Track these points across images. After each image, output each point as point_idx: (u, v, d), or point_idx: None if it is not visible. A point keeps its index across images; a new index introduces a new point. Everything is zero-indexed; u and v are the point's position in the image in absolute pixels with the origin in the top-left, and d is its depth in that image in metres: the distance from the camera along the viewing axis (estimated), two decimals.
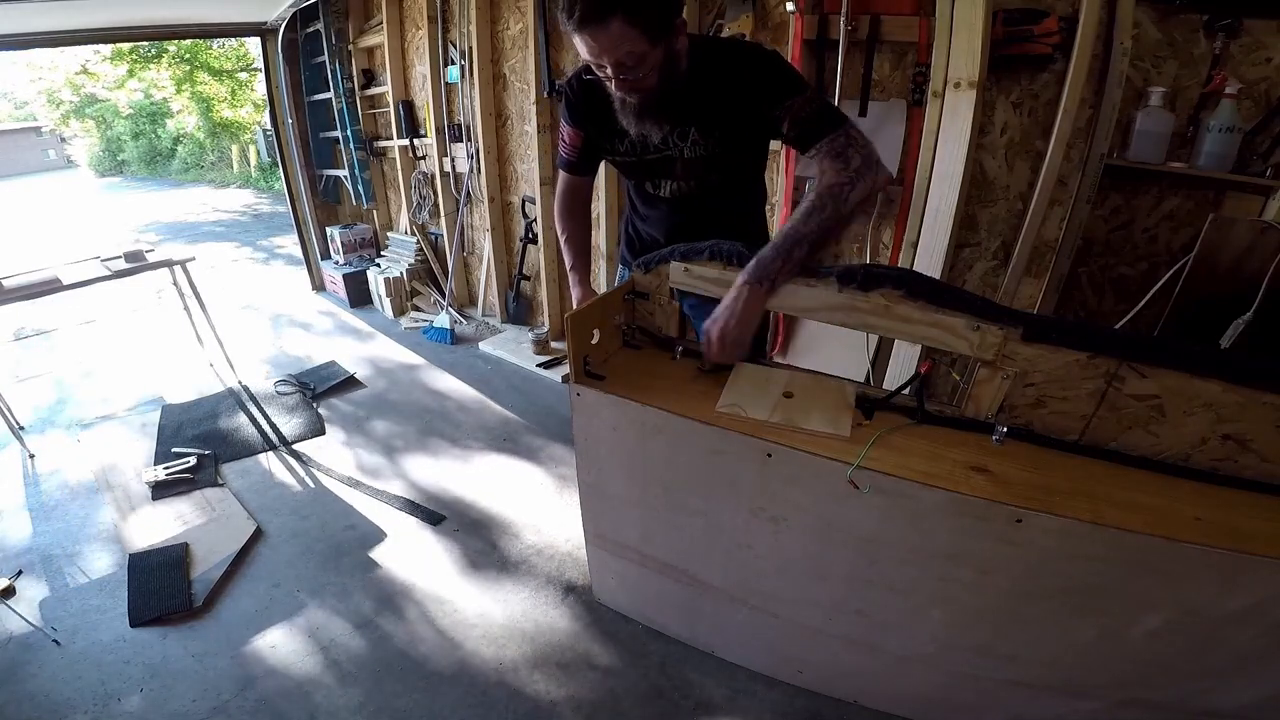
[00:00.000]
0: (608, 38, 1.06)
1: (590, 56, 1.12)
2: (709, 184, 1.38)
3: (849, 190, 1.14)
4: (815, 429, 1.13)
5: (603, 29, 1.05)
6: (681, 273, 1.34)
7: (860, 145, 1.16)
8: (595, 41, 1.07)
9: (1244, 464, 1.01)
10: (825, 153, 1.17)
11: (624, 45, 1.07)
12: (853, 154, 1.15)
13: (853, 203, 1.15)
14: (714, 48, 1.25)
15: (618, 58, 1.09)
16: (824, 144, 1.18)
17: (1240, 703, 1.05)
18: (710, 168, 1.34)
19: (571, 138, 1.43)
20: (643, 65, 1.12)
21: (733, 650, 1.57)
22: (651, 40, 1.09)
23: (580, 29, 1.06)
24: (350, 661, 1.62)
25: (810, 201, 1.16)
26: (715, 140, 1.29)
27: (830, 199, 1.14)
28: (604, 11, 1.03)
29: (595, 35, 1.06)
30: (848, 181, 1.14)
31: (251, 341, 3.84)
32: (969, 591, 1.12)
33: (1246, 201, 1.66)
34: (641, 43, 1.08)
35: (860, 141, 1.16)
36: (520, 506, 2.21)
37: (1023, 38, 1.73)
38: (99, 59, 11.36)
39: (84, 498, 2.32)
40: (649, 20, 1.07)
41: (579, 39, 1.09)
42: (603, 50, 1.09)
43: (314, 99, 4.22)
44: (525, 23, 2.88)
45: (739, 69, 1.21)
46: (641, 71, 1.12)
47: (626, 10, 1.04)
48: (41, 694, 1.55)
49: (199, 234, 7.87)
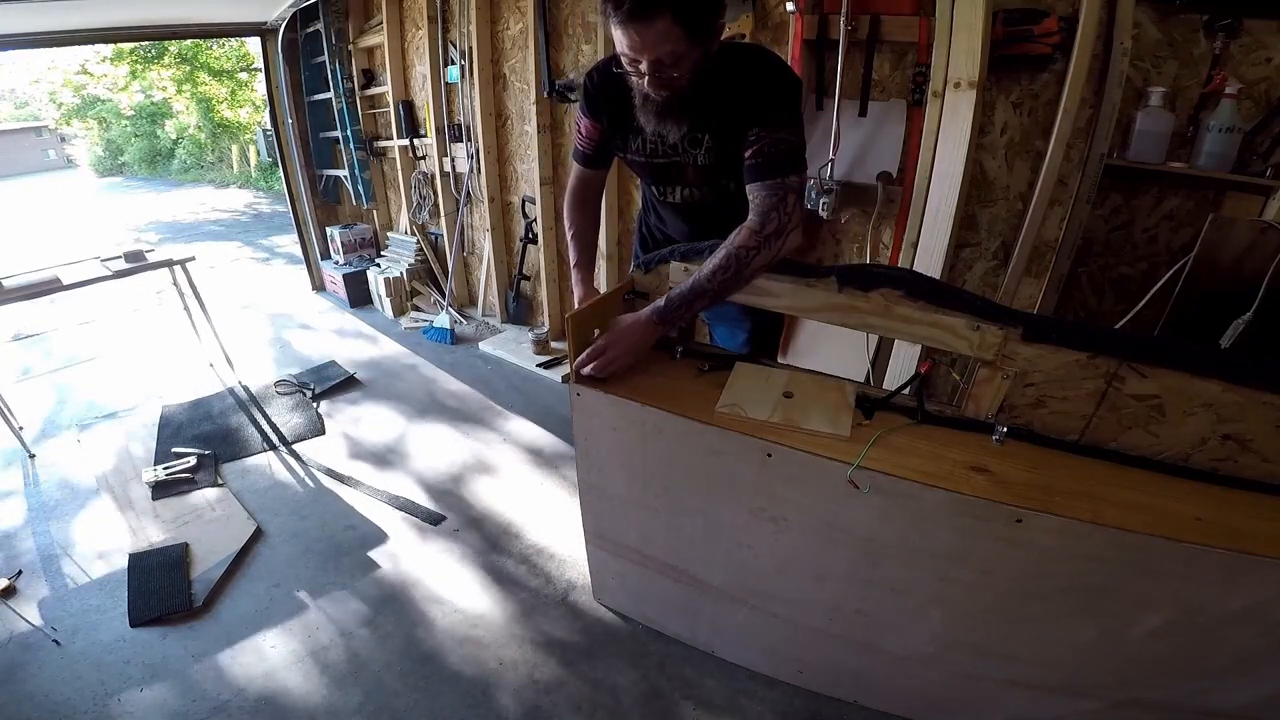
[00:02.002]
0: (653, 35, 1.05)
1: (630, 51, 1.10)
2: (721, 190, 1.37)
3: (754, 255, 1.20)
4: (815, 429, 1.13)
5: (649, 26, 1.04)
6: (681, 273, 1.34)
7: (785, 210, 1.19)
8: (640, 37, 1.06)
9: (1244, 464, 1.02)
10: (756, 202, 1.21)
11: (667, 44, 1.06)
12: (773, 217, 1.19)
13: (754, 268, 1.21)
14: (734, 55, 1.23)
15: (658, 55, 1.08)
16: (757, 188, 1.21)
17: (1240, 703, 1.05)
18: (723, 174, 1.33)
19: (588, 130, 1.42)
20: (679, 65, 1.11)
21: (733, 650, 1.57)
22: (693, 41, 1.08)
23: (627, 22, 1.05)
24: (350, 661, 1.62)
25: (719, 259, 1.21)
26: (729, 147, 1.28)
27: (735, 261, 1.20)
28: (654, 7, 1.02)
29: (641, 31, 1.05)
30: (755, 246, 1.19)
31: (251, 341, 3.84)
32: (969, 592, 1.12)
33: (1246, 201, 1.66)
34: (684, 43, 1.07)
35: (787, 206, 1.19)
36: (520, 506, 2.21)
37: (1023, 38, 1.73)
38: (99, 59, 11.36)
39: (84, 498, 2.32)
40: (695, 22, 1.06)
41: (621, 32, 1.08)
42: (645, 46, 1.07)
43: (314, 99, 4.22)
44: (525, 23, 2.88)
45: (745, 81, 1.20)
46: (677, 71, 1.12)
47: (676, 9, 1.03)
48: (41, 694, 1.55)
49: (199, 234, 7.87)
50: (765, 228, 1.19)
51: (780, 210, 1.19)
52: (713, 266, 1.21)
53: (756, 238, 1.19)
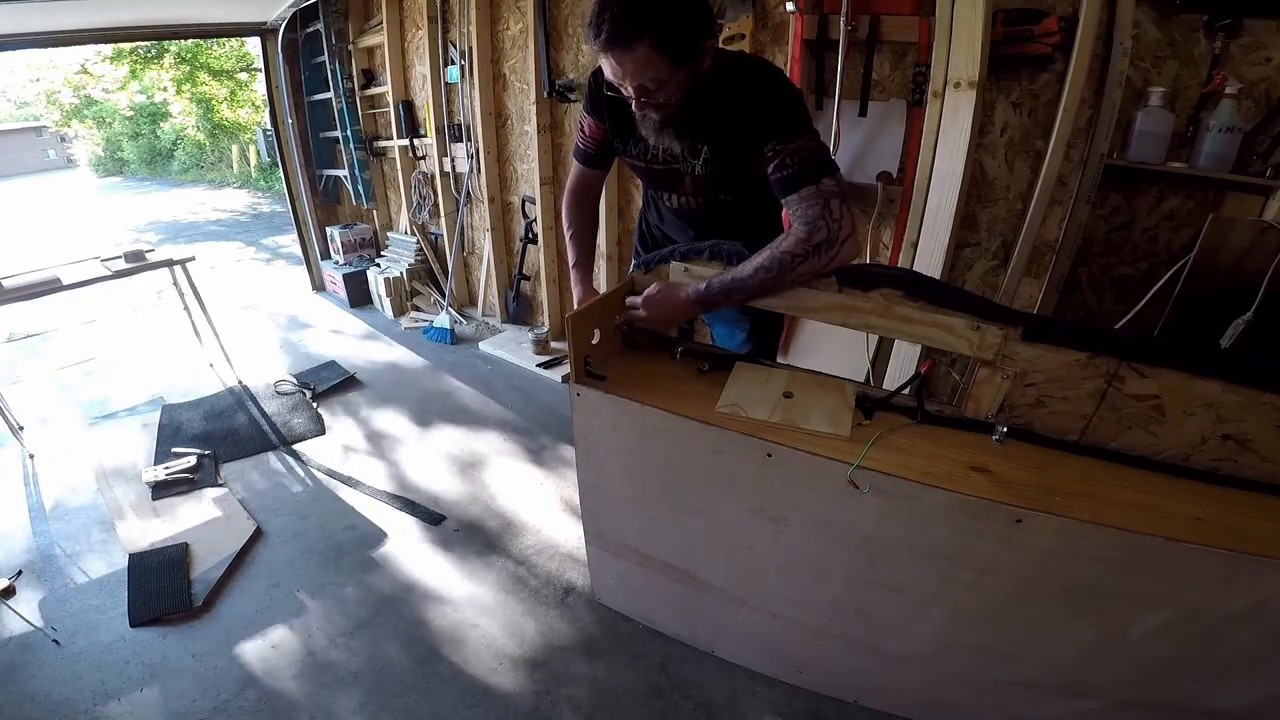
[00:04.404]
0: (633, 62, 1.04)
1: (614, 78, 1.10)
2: (718, 202, 1.37)
3: (799, 262, 1.16)
4: (815, 429, 1.13)
5: (629, 53, 1.03)
6: (682, 273, 1.34)
7: (832, 217, 1.14)
8: (620, 65, 1.06)
9: (1244, 464, 1.02)
10: (798, 214, 1.17)
11: (649, 71, 1.05)
12: (820, 225, 1.14)
13: (799, 275, 1.17)
14: (735, 68, 1.21)
15: (640, 82, 1.08)
16: (794, 201, 1.17)
17: (1240, 703, 1.05)
18: (721, 186, 1.33)
19: (591, 129, 1.41)
20: (665, 89, 1.10)
21: (733, 650, 1.57)
22: (676, 65, 1.07)
23: (606, 50, 1.04)
24: (350, 661, 1.62)
25: (763, 258, 1.17)
26: (727, 160, 1.27)
27: (779, 265, 1.16)
28: (632, 35, 1.01)
29: (621, 59, 1.05)
30: (801, 254, 1.15)
31: (251, 341, 3.83)
32: (969, 592, 1.12)
33: (1246, 201, 1.66)
34: (666, 69, 1.06)
35: (834, 213, 1.14)
36: (520, 506, 2.21)
37: (1023, 38, 1.73)
38: (99, 59, 11.35)
39: (84, 497, 2.32)
40: (677, 46, 1.05)
41: (603, 59, 1.08)
42: (626, 74, 1.07)
43: (314, 99, 4.22)
44: (525, 23, 2.88)
45: (748, 96, 1.18)
46: (663, 96, 1.11)
47: (655, 35, 1.02)
48: (41, 694, 1.55)
49: (199, 234, 7.86)
50: (813, 236, 1.14)
51: (827, 218, 1.13)
52: (755, 265, 1.18)
53: (804, 245, 1.14)
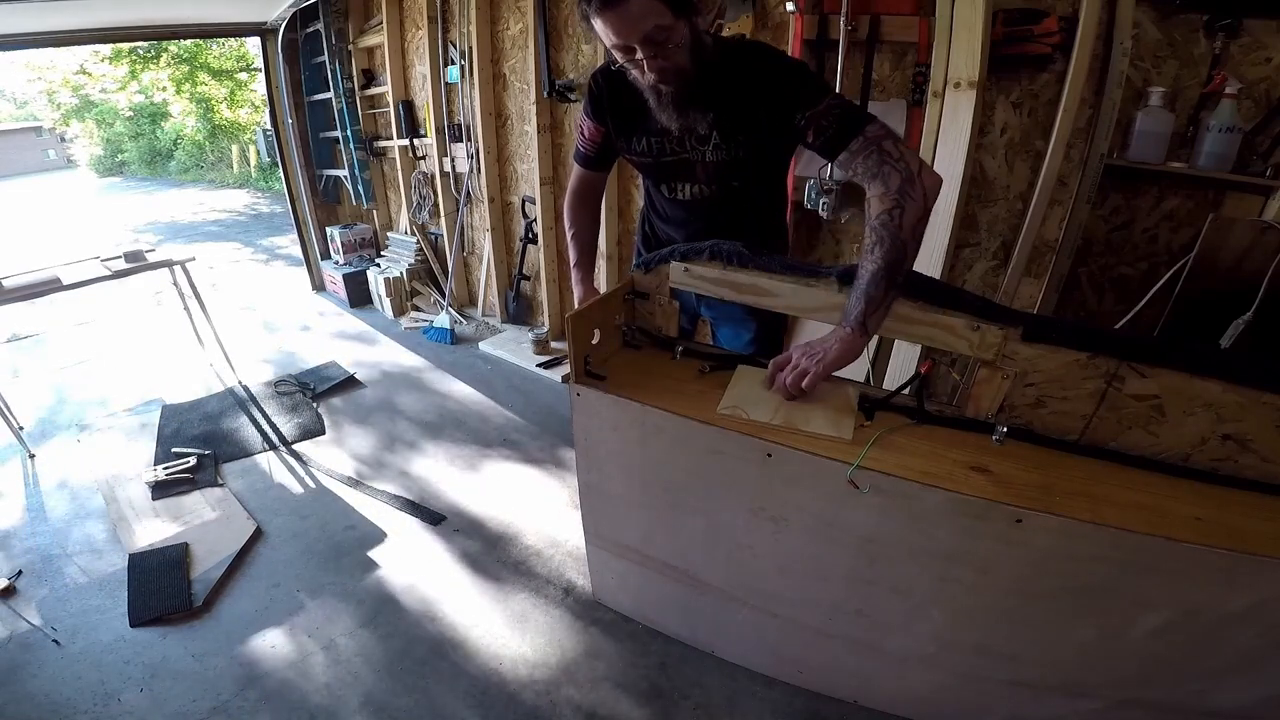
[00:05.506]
0: (632, 13, 1.04)
1: (618, 40, 1.08)
2: (730, 189, 1.36)
3: (900, 215, 1.08)
4: (818, 432, 1.13)
5: (625, 6, 1.03)
6: (682, 273, 1.34)
7: (894, 157, 1.09)
8: (620, 20, 1.05)
9: (1244, 464, 1.01)
10: (860, 172, 1.12)
11: (649, 19, 1.05)
12: (887, 170, 1.09)
13: (907, 227, 1.08)
14: (736, 51, 1.22)
15: (645, 33, 1.06)
16: (846, 159, 1.13)
17: (1240, 703, 1.05)
18: (732, 172, 1.32)
19: (591, 133, 1.42)
20: (672, 38, 1.09)
21: (733, 650, 1.57)
22: (675, 12, 1.07)
23: (603, 10, 1.04)
24: (350, 661, 1.62)
25: (867, 242, 1.11)
26: (737, 144, 1.27)
27: (883, 230, 1.08)
28: None
29: (620, 13, 1.04)
30: (894, 205, 1.08)
31: (251, 341, 3.84)
32: (969, 591, 1.12)
33: (1246, 201, 1.66)
34: (666, 15, 1.06)
35: (893, 153, 1.09)
36: (520, 506, 2.21)
37: (1023, 38, 1.73)
38: (98, 59, 11.36)
39: (84, 498, 2.32)
40: None
41: (603, 25, 1.07)
42: (629, 29, 1.06)
43: (314, 99, 4.22)
44: (525, 23, 2.88)
45: (761, 76, 1.18)
46: (671, 45, 1.10)
47: None
48: (41, 694, 1.54)
49: (199, 234, 7.87)
50: (890, 186, 1.08)
51: (890, 161, 1.08)
52: (867, 252, 1.11)
53: (889, 199, 1.08)
